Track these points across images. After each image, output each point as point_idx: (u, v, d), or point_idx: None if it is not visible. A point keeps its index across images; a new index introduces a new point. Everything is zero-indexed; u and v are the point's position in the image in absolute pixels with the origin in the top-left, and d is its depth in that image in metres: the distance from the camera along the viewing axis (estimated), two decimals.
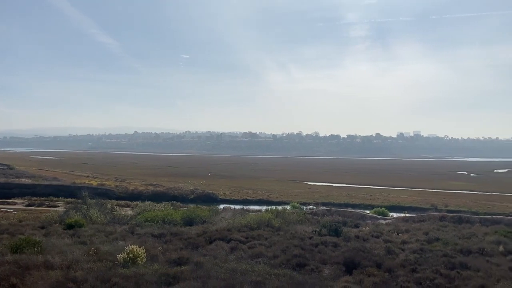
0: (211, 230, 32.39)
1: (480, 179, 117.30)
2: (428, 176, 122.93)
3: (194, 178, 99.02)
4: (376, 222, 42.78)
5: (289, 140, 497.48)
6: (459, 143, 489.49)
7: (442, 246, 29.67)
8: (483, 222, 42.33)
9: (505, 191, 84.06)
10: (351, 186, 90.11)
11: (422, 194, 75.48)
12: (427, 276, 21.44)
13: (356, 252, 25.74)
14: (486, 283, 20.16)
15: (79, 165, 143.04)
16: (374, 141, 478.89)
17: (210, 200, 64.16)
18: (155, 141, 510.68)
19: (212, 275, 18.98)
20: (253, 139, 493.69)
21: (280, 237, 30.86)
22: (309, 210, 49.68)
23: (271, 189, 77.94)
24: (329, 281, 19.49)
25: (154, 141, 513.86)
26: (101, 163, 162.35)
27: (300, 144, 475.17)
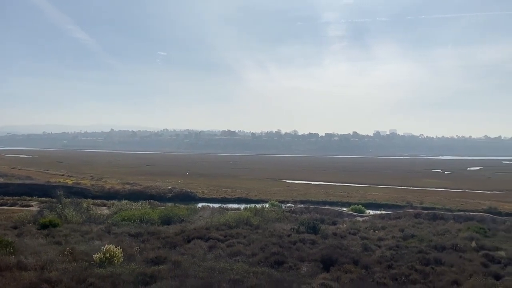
0: (189, 229, 32.22)
1: (454, 177, 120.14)
2: (403, 174, 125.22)
3: (172, 176, 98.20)
4: (353, 219, 43.32)
5: (268, 138, 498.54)
6: (433, 141, 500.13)
7: (417, 242, 30.28)
8: (457, 218, 43.37)
9: (477, 188, 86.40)
10: (329, 184, 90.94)
11: (398, 191, 76.84)
12: (402, 272, 21.87)
13: (334, 249, 26.05)
14: (459, 278, 20.68)
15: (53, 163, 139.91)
16: (352, 140, 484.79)
17: (188, 198, 63.76)
18: (132, 139, 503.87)
19: (190, 274, 18.88)
20: (232, 138, 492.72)
21: (259, 235, 30.93)
22: (288, 208, 49.94)
23: (250, 187, 77.99)
24: (307, 278, 19.66)
25: (131, 139, 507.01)
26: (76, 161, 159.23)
27: (279, 142, 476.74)
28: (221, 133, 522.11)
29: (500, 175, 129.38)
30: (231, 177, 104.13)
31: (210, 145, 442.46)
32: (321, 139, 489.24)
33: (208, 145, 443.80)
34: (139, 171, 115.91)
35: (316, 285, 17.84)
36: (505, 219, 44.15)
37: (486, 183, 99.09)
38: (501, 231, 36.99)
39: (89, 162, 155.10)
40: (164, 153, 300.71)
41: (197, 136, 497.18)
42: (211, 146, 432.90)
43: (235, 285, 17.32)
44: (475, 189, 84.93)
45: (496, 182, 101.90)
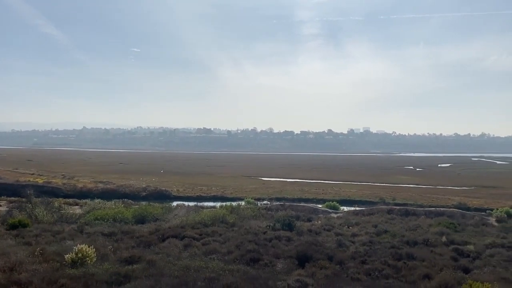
0: (164, 228, 31.96)
1: (425, 174, 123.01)
2: (377, 171, 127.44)
3: (146, 175, 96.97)
4: (328, 215, 43.81)
5: (244, 136, 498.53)
6: (406, 139, 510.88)
7: (390, 238, 30.91)
8: (428, 214, 44.43)
9: (447, 184, 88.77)
10: (304, 181, 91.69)
11: (372, 188, 78.12)
12: (376, 267, 22.29)
13: (309, 245, 26.30)
14: (430, 272, 21.23)
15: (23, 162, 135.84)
16: (326, 137, 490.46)
17: (163, 197, 63.07)
18: (105, 137, 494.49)
19: (165, 273, 18.75)
20: (208, 135, 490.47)
21: (235, 233, 30.96)
22: (264, 205, 50.06)
23: (226, 185, 77.80)
24: (282, 275, 19.79)
25: (104, 137, 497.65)
26: (47, 160, 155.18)
27: (254, 140, 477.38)
28: (197, 131, 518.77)
29: (469, 172, 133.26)
30: (206, 175, 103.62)
31: (185, 143, 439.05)
32: (296, 137, 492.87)
33: (183, 143, 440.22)
34: (112, 170, 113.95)
35: (291, 281, 17.97)
36: (474, 214, 45.55)
37: (456, 180, 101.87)
38: (470, 225, 38.16)
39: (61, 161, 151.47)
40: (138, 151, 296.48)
41: (172, 134, 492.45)
42: (186, 144, 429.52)
43: (210, 283, 17.28)
44: (446, 185, 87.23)
45: (466, 179, 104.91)
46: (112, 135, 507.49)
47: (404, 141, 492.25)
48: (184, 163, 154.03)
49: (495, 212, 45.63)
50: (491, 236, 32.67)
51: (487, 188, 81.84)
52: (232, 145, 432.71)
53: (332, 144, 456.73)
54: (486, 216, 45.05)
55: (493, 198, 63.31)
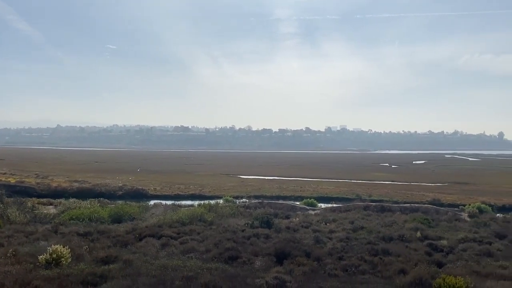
0: (141, 227, 31.63)
1: (401, 170, 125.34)
2: (353, 168, 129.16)
3: (122, 173, 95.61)
4: (306, 212, 44.14)
5: (222, 134, 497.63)
6: (381, 136, 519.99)
7: (366, 234, 31.38)
8: (403, 210, 45.27)
9: (422, 181, 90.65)
10: (283, 178, 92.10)
11: (348, 185, 79.07)
12: (352, 263, 22.61)
13: (287, 242, 26.49)
14: (405, 267, 21.66)
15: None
16: (304, 135, 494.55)
17: (140, 196, 62.33)
18: (80, 135, 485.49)
19: (142, 273, 18.59)
20: (185, 133, 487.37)
21: (213, 231, 30.89)
22: (242, 203, 50.05)
23: (204, 183, 77.43)
24: (261, 273, 19.86)
25: (79, 135, 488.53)
26: (20, 158, 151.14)
27: (233, 138, 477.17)
28: (174, 129, 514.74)
29: (443, 168, 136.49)
30: (184, 173, 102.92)
31: (163, 141, 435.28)
32: (274, 135, 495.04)
33: (160, 141, 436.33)
34: (87, 168, 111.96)
35: (269, 278, 18.05)
36: (447, 210, 46.68)
37: (430, 176, 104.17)
38: (443, 221, 39.07)
39: (34, 159, 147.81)
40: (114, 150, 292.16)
41: (149, 132, 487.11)
42: (164, 142, 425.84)
43: (188, 282, 17.21)
44: (420, 181, 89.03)
45: (439, 175, 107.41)
46: (88, 133, 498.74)
47: (380, 139, 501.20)
48: (162, 162, 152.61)
49: (468, 208, 46.83)
50: (463, 231, 33.53)
51: (460, 184, 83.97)
52: (210, 143, 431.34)
53: (310, 142, 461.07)
54: (459, 212, 46.19)
55: (465, 194, 64.96)
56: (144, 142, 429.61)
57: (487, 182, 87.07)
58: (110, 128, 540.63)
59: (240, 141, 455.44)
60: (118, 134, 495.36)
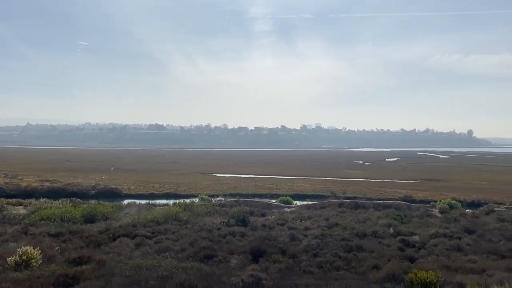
0: (114, 227, 31.12)
1: (374, 168, 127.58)
2: (328, 166, 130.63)
3: (95, 172, 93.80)
4: (281, 210, 44.35)
5: (198, 132, 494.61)
6: (355, 134, 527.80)
7: (341, 230, 31.77)
8: (376, 207, 46.08)
9: (394, 178, 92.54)
10: (259, 176, 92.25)
11: (323, 182, 79.90)
12: (327, 259, 22.88)
13: (262, 240, 26.57)
14: (378, 263, 22.07)
15: None
16: (280, 133, 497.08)
17: (114, 195, 61.24)
18: (51, 134, 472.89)
19: (116, 273, 18.31)
20: (160, 131, 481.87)
21: (188, 230, 30.69)
22: (218, 201, 49.85)
23: (179, 182, 76.76)
24: (236, 271, 19.86)
25: (50, 133, 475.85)
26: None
27: (208, 136, 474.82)
28: (148, 127, 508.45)
29: (414, 166, 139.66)
30: (159, 172, 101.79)
31: (137, 140, 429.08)
32: (250, 133, 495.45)
33: (134, 140, 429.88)
34: (59, 168, 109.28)
35: (245, 276, 18.06)
36: (419, 206, 47.78)
37: (402, 173, 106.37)
38: (415, 217, 39.96)
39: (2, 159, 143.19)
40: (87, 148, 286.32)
41: (122, 130, 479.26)
42: (138, 141, 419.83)
43: (163, 282, 17.05)
44: (393, 178, 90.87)
45: (411, 172, 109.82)
46: (59, 132, 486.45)
47: (354, 137, 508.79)
48: (136, 160, 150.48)
49: (439, 204, 48.09)
50: (434, 226, 34.39)
51: (431, 181, 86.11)
52: (185, 141, 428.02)
53: (285, 140, 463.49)
54: (430, 208, 47.33)
55: (436, 191, 66.64)
56: (117, 141, 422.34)
57: (457, 179, 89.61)
58: (82, 126, 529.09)
59: (216, 139, 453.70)
60: (91, 132, 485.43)
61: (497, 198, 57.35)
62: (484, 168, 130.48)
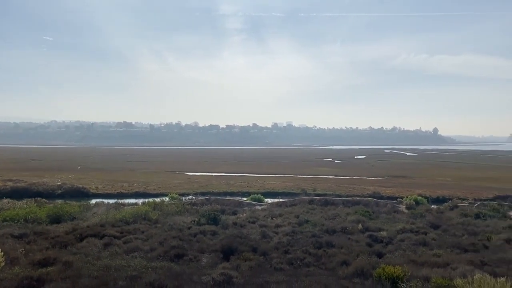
0: (82, 227, 30.41)
1: (343, 165, 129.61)
2: (299, 163, 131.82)
3: (61, 171, 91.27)
4: (253, 208, 44.45)
5: (168, 130, 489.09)
6: (325, 132, 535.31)
7: (311, 227, 32.14)
8: (346, 203, 46.85)
9: (363, 175, 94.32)
10: (230, 174, 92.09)
11: (294, 180, 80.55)
12: (298, 256, 23.08)
13: (234, 238, 26.56)
14: (348, 258, 22.44)
15: None
16: (251, 131, 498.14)
17: (81, 195, 59.71)
18: (14, 132, 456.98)
19: (83, 274, 17.90)
20: (128, 129, 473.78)
21: (158, 230, 30.35)
22: (189, 200, 49.46)
23: (149, 181, 75.67)
24: (207, 269, 19.77)
25: (14, 131, 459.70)
26: None
27: (179, 134, 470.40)
28: (116, 125, 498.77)
29: (382, 163, 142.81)
30: (128, 170, 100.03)
31: (104, 138, 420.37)
32: (222, 131, 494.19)
33: (102, 138, 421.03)
34: (23, 167, 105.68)
35: (216, 275, 18.01)
36: (387, 202, 48.86)
37: (370, 170, 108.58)
38: (383, 213, 40.90)
39: None
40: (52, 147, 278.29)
41: (90, 128, 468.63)
42: (106, 139, 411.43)
43: (132, 282, 16.79)
44: (362, 175, 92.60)
45: (379, 169, 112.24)
46: (23, 130, 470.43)
47: (324, 135, 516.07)
48: (103, 159, 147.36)
49: (405, 200, 49.38)
50: (401, 222, 35.29)
51: (398, 177, 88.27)
52: (155, 139, 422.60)
53: (257, 137, 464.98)
54: (397, 204, 48.53)
55: (403, 187, 68.32)
56: (84, 139, 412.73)
57: (423, 175, 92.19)
58: (47, 124, 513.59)
59: (186, 138, 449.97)
60: (57, 130, 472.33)
61: (460, 194, 59.32)
62: (449, 165, 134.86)
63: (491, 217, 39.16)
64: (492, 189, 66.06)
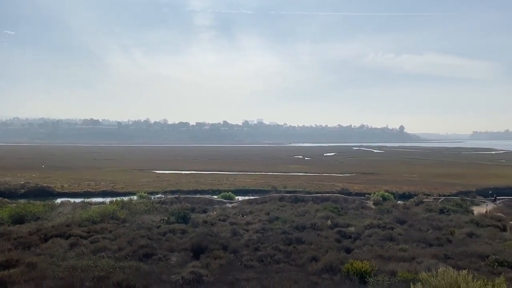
0: (46, 227, 29.54)
1: (313, 162, 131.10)
2: (269, 161, 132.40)
3: (25, 170, 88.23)
4: (223, 206, 44.36)
5: (136, 127, 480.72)
6: (295, 130, 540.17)
7: (281, 224, 32.37)
8: (315, 200, 47.44)
9: (332, 172, 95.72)
10: (200, 172, 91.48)
11: (265, 177, 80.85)
12: (268, 253, 23.21)
13: (204, 236, 26.42)
14: (317, 254, 22.73)
15: None
16: (222, 129, 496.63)
17: (46, 194, 57.95)
18: None
19: (48, 275, 17.39)
20: (95, 127, 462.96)
21: (126, 229, 29.87)
22: (158, 199, 48.86)
23: (116, 179, 74.20)
24: (177, 268, 19.59)
25: None
26: None
27: (148, 131, 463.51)
28: (83, 122, 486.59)
29: (350, 160, 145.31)
30: (94, 169, 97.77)
31: (70, 135, 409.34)
32: (192, 128, 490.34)
33: (67, 135, 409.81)
34: None
35: (185, 274, 17.86)
36: (355, 198, 49.84)
37: (339, 167, 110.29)
38: (351, 209, 41.64)
39: None
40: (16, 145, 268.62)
41: (55, 126, 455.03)
42: (71, 136, 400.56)
43: (99, 282, 16.43)
44: (331, 172, 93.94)
45: (348, 166, 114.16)
46: None
47: (294, 132, 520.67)
48: (69, 157, 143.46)
49: (373, 196, 50.47)
50: (369, 218, 36.06)
51: (366, 174, 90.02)
52: (123, 137, 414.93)
53: (227, 135, 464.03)
54: (365, 200, 49.56)
55: (371, 184, 69.74)
56: (49, 136, 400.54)
57: (389, 172, 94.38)
58: (10, 121, 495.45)
59: (155, 135, 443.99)
60: (20, 127, 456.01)
61: (425, 190, 61.11)
62: (414, 161, 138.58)
63: (454, 212, 40.55)
64: (455, 185, 68.39)
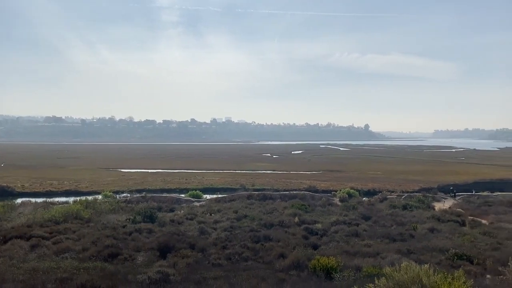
0: (5, 228, 28.48)
1: (281, 160, 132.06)
2: (238, 159, 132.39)
3: None
4: (191, 204, 44.01)
5: (101, 125, 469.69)
6: (264, 128, 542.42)
7: (250, 222, 32.48)
8: (283, 197, 47.79)
9: (300, 169, 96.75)
10: (167, 171, 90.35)
11: (233, 175, 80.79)
12: (236, 251, 23.23)
13: (171, 236, 26.17)
14: (284, 251, 22.94)
15: None
16: (190, 126, 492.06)
17: (5, 194, 55.74)
18: None
19: (7, 278, 16.77)
20: (58, 124, 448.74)
21: (91, 229, 29.19)
22: (123, 198, 47.91)
23: (80, 178, 72.29)
24: (143, 268, 19.33)
25: None
26: None
27: (113, 129, 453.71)
28: (45, 120, 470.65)
29: (317, 158, 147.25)
30: (57, 167, 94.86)
31: (31, 133, 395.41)
32: (158, 126, 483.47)
33: (28, 133, 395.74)
34: None
35: (152, 273, 17.63)
36: (322, 196, 50.49)
37: (306, 165, 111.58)
38: (318, 206, 42.22)
39: None
40: None
41: (15, 123, 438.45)
42: (33, 134, 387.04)
43: (62, 284, 16.00)
44: (298, 170, 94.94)
45: (315, 164, 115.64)
46: None
47: (262, 130, 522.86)
48: (30, 155, 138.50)
49: (339, 193, 51.36)
50: (335, 214, 36.68)
51: (333, 172, 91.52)
52: (87, 134, 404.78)
53: (195, 133, 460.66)
54: (332, 197, 50.32)
55: (337, 181, 70.97)
56: (9, 134, 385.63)
57: (355, 169, 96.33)
58: None
59: (120, 133, 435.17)
60: None
61: (389, 187, 62.76)
62: (379, 159, 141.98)
63: (417, 208, 41.78)
64: (418, 181, 70.57)
